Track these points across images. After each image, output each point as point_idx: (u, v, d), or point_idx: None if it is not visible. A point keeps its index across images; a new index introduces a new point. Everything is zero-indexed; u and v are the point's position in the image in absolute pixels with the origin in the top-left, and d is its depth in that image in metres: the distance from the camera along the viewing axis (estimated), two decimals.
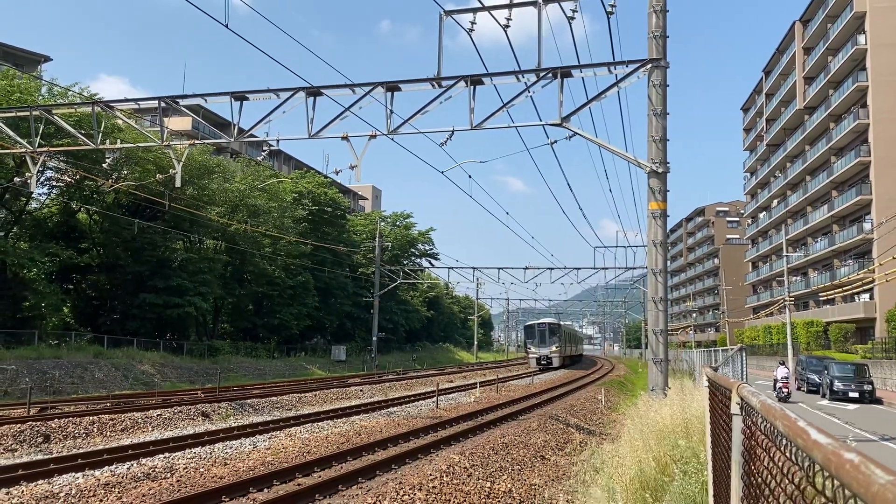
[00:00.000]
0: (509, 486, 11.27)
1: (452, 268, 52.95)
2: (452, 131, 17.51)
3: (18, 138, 21.31)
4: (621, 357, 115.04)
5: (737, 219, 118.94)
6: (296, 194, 52.58)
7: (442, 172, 22.59)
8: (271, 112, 17.97)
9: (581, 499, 9.59)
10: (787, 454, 1.94)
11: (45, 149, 21.49)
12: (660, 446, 9.03)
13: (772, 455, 2.23)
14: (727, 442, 4.15)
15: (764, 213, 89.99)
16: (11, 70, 33.36)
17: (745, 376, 15.66)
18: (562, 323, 61.48)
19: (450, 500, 9.83)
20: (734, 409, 3.35)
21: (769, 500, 2.26)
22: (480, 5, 15.62)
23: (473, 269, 54.03)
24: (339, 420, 18.25)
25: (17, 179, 25.86)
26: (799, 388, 36.04)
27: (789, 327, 48.03)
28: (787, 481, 1.93)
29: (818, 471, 1.57)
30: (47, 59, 49.24)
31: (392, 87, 17.28)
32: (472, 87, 16.84)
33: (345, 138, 17.81)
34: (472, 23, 16.23)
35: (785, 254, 52.06)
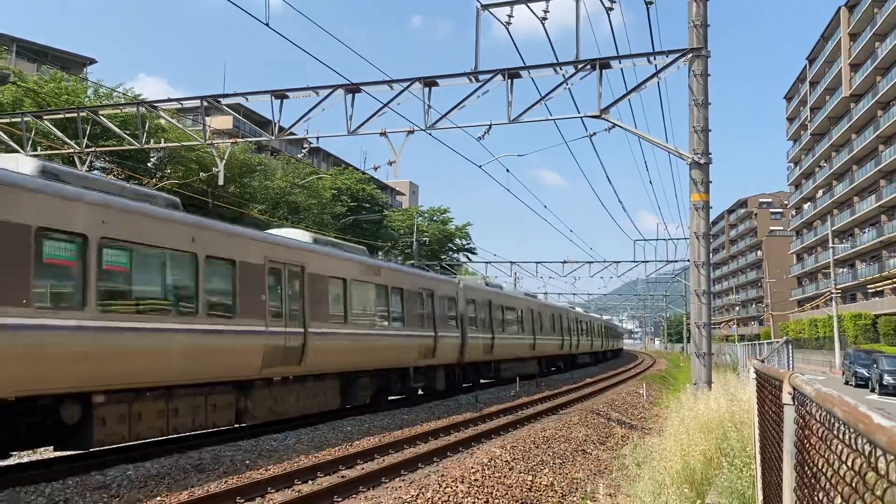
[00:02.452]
0: (551, 479, 11.26)
1: (490, 262, 52.55)
2: (490, 125, 17.48)
3: (67, 139, 21.88)
4: (662, 351, 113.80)
5: (780, 210, 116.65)
6: (335, 191, 53.05)
7: (480, 167, 22.57)
8: (311, 110, 18.15)
9: (625, 493, 9.54)
10: (846, 441, 1.92)
11: (93, 149, 22.04)
12: (706, 440, 8.93)
13: (828, 443, 2.20)
14: (776, 433, 4.10)
15: (808, 203, 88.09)
16: (59, 73, 34.27)
17: (791, 370, 15.38)
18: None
19: (492, 493, 9.86)
20: (786, 399, 3.31)
21: (826, 488, 2.24)
22: None
23: (511, 263, 53.34)
24: (380, 413, 18.40)
25: None
26: (847, 383, 35.25)
27: (836, 320, 47.01)
28: (845, 468, 1.91)
29: (880, 455, 1.55)
30: (93, 61, 50.50)
31: (429, 82, 17.32)
32: (509, 81, 16.79)
33: (383, 134, 17.91)
34: (510, 16, 16.19)
35: (831, 245, 50.95)
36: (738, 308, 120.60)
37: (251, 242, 14.01)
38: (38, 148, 23.89)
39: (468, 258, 71.99)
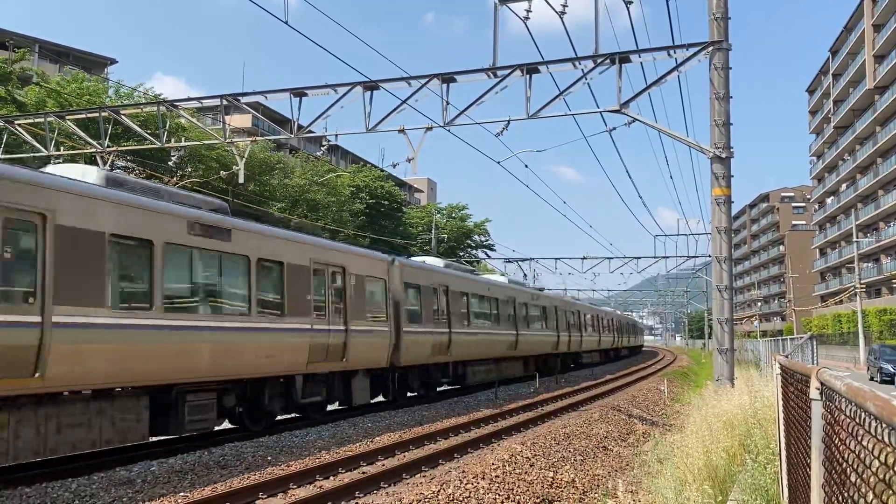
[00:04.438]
0: (572, 476, 11.22)
1: (509, 259, 52.43)
2: (508, 121, 17.43)
3: (89, 139, 22.12)
4: (683, 348, 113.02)
5: (803, 204, 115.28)
6: (353, 188, 53.18)
7: (498, 163, 22.56)
8: (329, 107, 18.18)
9: (646, 489, 9.48)
10: (878, 436, 1.88)
11: (114, 148, 22.26)
12: (729, 436, 8.85)
13: (859, 438, 2.16)
14: (802, 429, 4.05)
15: (832, 197, 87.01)
16: (81, 73, 34.66)
17: (816, 366, 15.22)
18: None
19: (513, 489, 9.84)
20: (813, 394, 3.26)
21: (857, 484, 2.20)
22: None
23: (530, 259, 53.16)
24: (400, 410, 18.44)
25: None
26: (871, 379, 34.78)
27: (860, 315, 46.40)
28: (877, 463, 1.88)
29: None
30: (113, 61, 51.02)
31: (448, 78, 17.29)
32: (527, 76, 16.71)
33: (402, 131, 17.92)
34: (528, 11, 16.11)
35: (855, 239, 50.30)
36: (760, 304, 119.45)
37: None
38: (61, 148, 24.17)
39: (486, 255, 71.88)
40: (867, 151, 71.59)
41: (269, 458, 11.65)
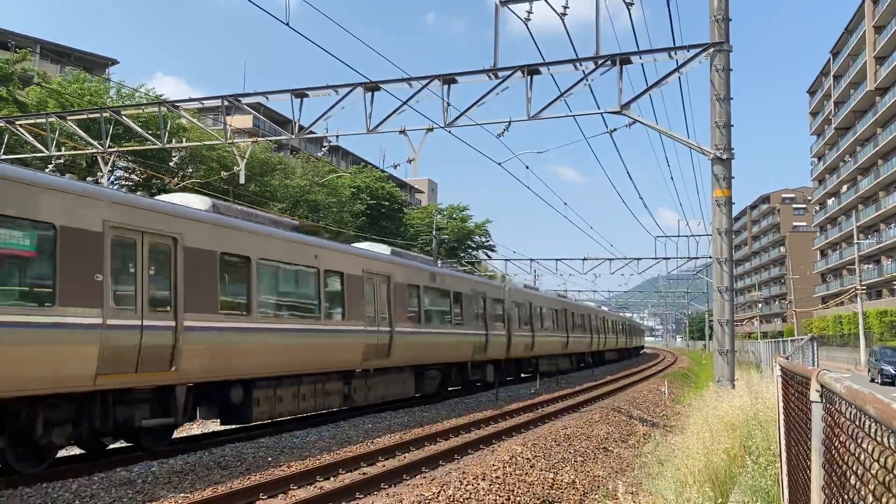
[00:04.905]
0: (573, 477, 11.22)
1: (509, 260, 52.69)
2: (509, 122, 17.43)
3: (90, 139, 22.12)
4: (684, 349, 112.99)
5: (803, 206, 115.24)
6: (354, 189, 53.17)
7: (499, 164, 22.55)
8: (330, 108, 18.18)
9: (647, 491, 9.48)
10: (878, 438, 1.88)
11: (115, 149, 22.28)
12: (730, 438, 8.85)
13: (859, 440, 2.16)
14: (802, 431, 4.05)
15: (833, 199, 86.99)
16: (82, 74, 34.67)
17: (817, 368, 15.22)
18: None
19: (513, 491, 9.84)
20: (814, 396, 3.26)
21: (856, 486, 2.20)
22: None
23: (531, 260, 53.43)
24: (400, 410, 18.44)
25: (89, 179, 26.84)
26: (872, 381, 34.75)
27: (861, 317, 46.37)
28: (877, 466, 1.88)
29: None
30: (115, 62, 51.05)
31: (448, 79, 17.29)
32: (528, 77, 16.71)
33: (402, 132, 17.92)
34: (529, 12, 16.11)
35: (856, 241, 50.28)
36: (760, 305, 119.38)
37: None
38: (62, 148, 24.19)
39: (487, 255, 71.87)
40: (868, 153, 71.56)
41: (270, 458, 11.65)
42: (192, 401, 12.36)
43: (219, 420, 14.11)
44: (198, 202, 13.25)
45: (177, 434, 15.01)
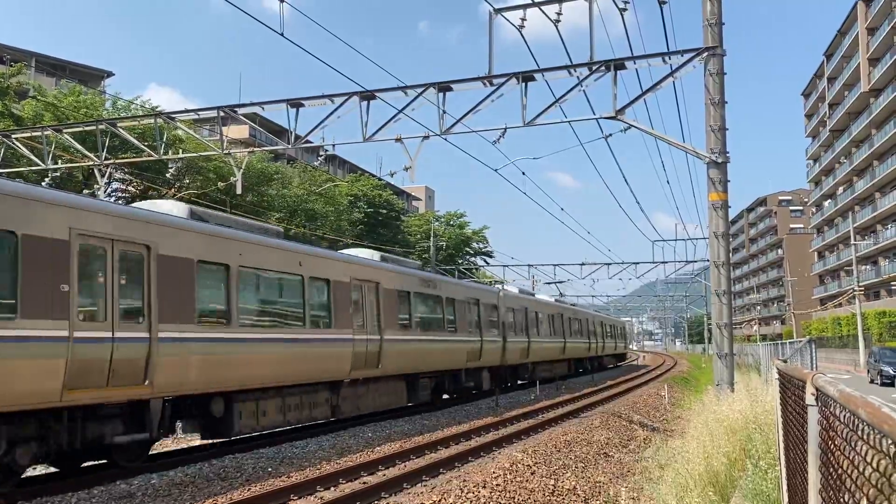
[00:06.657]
0: (574, 483, 11.20)
1: (507, 266, 52.76)
2: (505, 129, 17.48)
3: (86, 152, 22.14)
4: (683, 353, 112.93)
5: (800, 208, 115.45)
6: (351, 197, 53.18)
7: (496, 171, 22.61)
8: (326, 118, 18.24)
9: (648, 495, 9.48)
10: (871, 442, 1.89)
11: (112, 161, 22.30)
12: (730, 442, 8.85)
13: (853, 444, 2.18)
14: (800, 435, 4.06)
15: (829, 200, 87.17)
16: (78, 86, 34.70)
17: (815, 370, 15.21)
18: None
19: (514, 498, 9.82)
20: (809, 399, 3.27)
21: (851, 490, 2.21)
22: (531, 1, 15.56)
23: (529, 266, 53.50)
24: (400, 419, 18.41)
25: (85, 192, 26.90)
26: (872, 381, 34.75)
27: (860, 318, 46.41)
28: (870, 469, 1.89)
29: None
30: (110, 74, 51.05)
31: (444, 87, 17.35)
32: (523, 84, 16.77)
33: (398, 140, 17.96)
34: (523, 19, 16.19)
35: (853, 242, 50.37)
36: (759, 307, 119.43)
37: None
38: (59, 161, 24.19)
39: (485, 262, 71.89)
40: (863, 154, 71.76)
41: (270, 469, 11.63)
42: (169, 415, 11.96)
43: (199, 435, 13.61)
44: (174, 208, 12.94)
45: (176, 446, 15.01)
